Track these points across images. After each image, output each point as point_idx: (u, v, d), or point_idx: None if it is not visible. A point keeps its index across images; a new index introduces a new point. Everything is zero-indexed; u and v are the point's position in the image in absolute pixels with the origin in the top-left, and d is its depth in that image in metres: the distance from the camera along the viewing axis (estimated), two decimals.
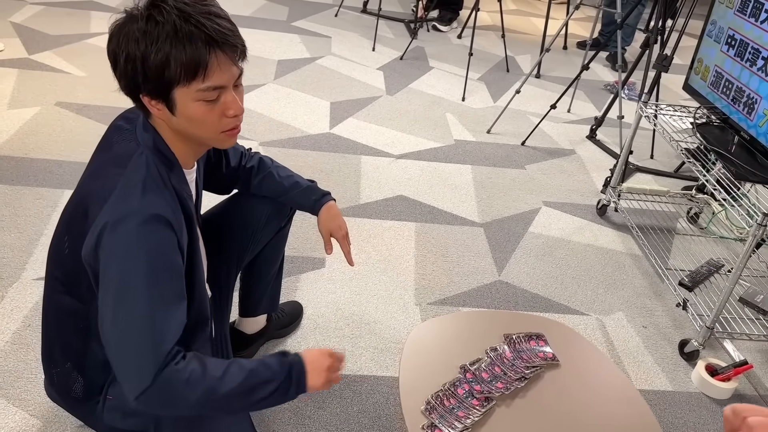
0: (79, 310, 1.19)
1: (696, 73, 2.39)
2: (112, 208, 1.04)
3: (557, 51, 4.67)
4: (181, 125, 1.09)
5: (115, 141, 1.15)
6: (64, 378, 1.28)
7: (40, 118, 2.78)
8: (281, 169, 1.57)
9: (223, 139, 1.13)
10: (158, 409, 1.05)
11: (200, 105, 1.05)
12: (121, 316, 1.02)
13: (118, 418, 1.27)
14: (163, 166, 1.11)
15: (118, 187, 1.05)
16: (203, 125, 1.08)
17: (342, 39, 4.28)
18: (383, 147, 2.98)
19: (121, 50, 1.03)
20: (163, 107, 1.06)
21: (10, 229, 2.10)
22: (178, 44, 1.00)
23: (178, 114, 1.07)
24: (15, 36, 3.54)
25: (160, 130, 1.13)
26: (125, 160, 1.09)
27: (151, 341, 1.01)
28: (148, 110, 1.09)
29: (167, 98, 1.05)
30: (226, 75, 1.06)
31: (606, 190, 2.69)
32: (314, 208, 1.56)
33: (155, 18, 1.01)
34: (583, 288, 2.26)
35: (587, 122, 3.54)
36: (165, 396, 1.02)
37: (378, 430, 1.62)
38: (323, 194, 1.57)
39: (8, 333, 1.73)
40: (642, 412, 1.14)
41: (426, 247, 2.34)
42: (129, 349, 1.02)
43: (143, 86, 1.04)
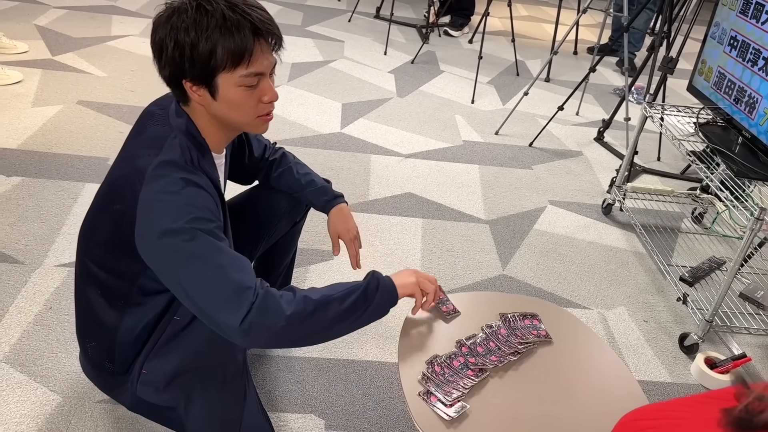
0: (116, 286, 1.24)
1: (700, 74, 2.43)
2: (150, 184, 1.09)
3: (567, 56, 4.72)
4: (220, 110, 1.15)
5: (149, 125, 1.21)
6: (98, 351, 1.33)
7: (62, 116, 2.88)
8: (300, 166, 1.64)
9: (258, 123, 1.21)
10: (263, 331, 1.08)
11: (241, 90, 1.13)
12: (196, 270, 1.06)
13: (151, 392, 1.30)
14: (195, 150, 1.17)
15: (154, 165, 1.10)
16: (241, 109, 1.15)
17: (355, 43, 4.37)
18: (392, 146, 3.06)
19: (170, 38, 1.08)
20: (204, 92, 1.13)
21: (33, 219, 2.19)
22: (226, 32, 1.07)
23: (219, 99, 1.13)
24: (39, 38, 3.66)
25: (193, 116, 1.19)
26: (159, 142, 1.14)
27: (233, 277, 1.06)
28: (186, 97, 1.16)
29: (210, 84, 1.11)
30: (266, 62, 1.14)
31: (611, 189, 2.74)
32: (325, 208, 1.61)
33: (204, 7, 1.07)
34: (586, 283, 2.31)
35: (595, 125, 3.59)
36: (265, 315, 1.06)
37: (381, 412, 1.68)
38: (336, 196, 1.62)
39: (31, 315, 1.82)
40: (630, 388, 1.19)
41: (432, 242, 2.40)
42: (216, 290, 1.06)
43: (188, 72, 1.10)
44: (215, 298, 1.06)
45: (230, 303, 1.05)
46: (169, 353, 1.28)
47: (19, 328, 1.77)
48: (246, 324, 1.05)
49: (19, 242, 2.08)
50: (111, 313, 1.28)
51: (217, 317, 1.06)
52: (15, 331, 1.76)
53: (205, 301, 1.07)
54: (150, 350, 1.29)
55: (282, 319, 1.07)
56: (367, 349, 1.87)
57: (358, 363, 1.82)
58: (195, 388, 1.29)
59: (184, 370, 1.28)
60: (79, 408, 1.57)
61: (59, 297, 1.89)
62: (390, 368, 1.82)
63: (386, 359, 1.85)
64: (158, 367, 1.29)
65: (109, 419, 1.55)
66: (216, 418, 1.33)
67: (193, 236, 1.06)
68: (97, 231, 1.23)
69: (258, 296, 1.07)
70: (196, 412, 1.30)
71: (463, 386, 1.12)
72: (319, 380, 1.75)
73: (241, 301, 1.05)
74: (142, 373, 1.30)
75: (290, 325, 1.08)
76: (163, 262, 1.09)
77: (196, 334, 1.27)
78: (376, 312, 1.19)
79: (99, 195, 1.26)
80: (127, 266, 1.20)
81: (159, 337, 1.29)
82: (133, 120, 1.29)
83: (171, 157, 1.12)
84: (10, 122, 2.76)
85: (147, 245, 1.10)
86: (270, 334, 1.08)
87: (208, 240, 1.07)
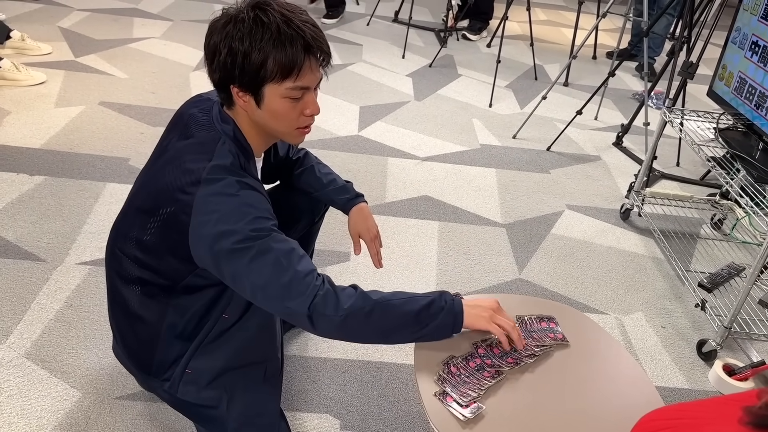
0: (159, 284, 1.25)
1: (720, 80, 2.41)
2: (207, 186, 1.12)
3: (586, 60, 4.70)
4: (263, 118, 1.19)
5: (194, 130, 1.23)
6: (137, 346, 1.35)
7: (84, 116, 2.93)
8: (322, 166, 1.67)
9: (296, 135, 1.24)
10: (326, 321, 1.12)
11: (285, 101, 1.16)
12: (264, 265, 1.11)
13: (193, 391, 1.32)
14: (242, 155, 1.21)
15: (208, 169, 1.14)
16: (283, 120, 1.19)
17: (373, 47, 4.39)
18: (410, 149, 3.06)
19: (225, 45, 1.12)
20: (250, 99, 1.16)
21: (55, 217, 2.23)
22: (279, 45, 1.10)
23: (263, 107, 1.17)
24: (63, 40, 3.72)
25: (238, 121, 1.22)
26: (210, 147, 1.18)
27: (298, 268, 1.12)
28: (231, 100, 1.19)
29: (257, 92, 1.15)
30: (313, 77, 1.17)
31: (630, 194, 2.72)
32: (346, 207, 1.63)
33: (261, 19, 1.10)
34: (603, 288, 2.30)
35: (614, 130, 3.57)
36: (326, 305, 1.11)
37: (397, 413, 1.68)
38: (357, 195, 1.65)
39: (52, 312, 1.85)
40: (648, 393, 1.19)
41: (448, 245, 2.40)
42: (284, 281, 1.11)
43: (238, 79, 1.13)
44: (284, 288, 1.11)
45: (298, 291, 1.11)
46: (215, 351, 1.30)
47: (40, 324, 1.80)
48: (312, 310, 1.11)
49: (41, 240, 2.11)
50: (154, 310, 1.29)
51: (288, 305, 1.11)
52: (36, 327, 1.79)
53: (275, 293, 1.11)
54: (196, 349, 1.31)
55: (341, 311, 1.12)
56: (382, 351, 1.88)
57: (374, 364, 1.83)
58: (238, 386, 1.32)
59: (229, 368, 1.31)
60: (99, 404, 1.59)
61: (80, 294, 1.92)
62: (406, 370, 1.82)
63: (402, 361, 1.85)
64: (203, 365, 1.30)
65: (128, 415, 1.57)
66: (257, 415, 1.35)
67: (257, 235, 1.10)
68: (139, 233, 1.23)
69: (322, 286, 1.13)
70: (239, 409, 1.32)
71: (479, 387, 1.12)
72: (335, 381, 1.76)
73: (308, 289, 1.11)
74: (186, 372, 1.31)
75: (348, 320, 1.12)
76: (228, 263, 1.12)
77: (244, 331, 1.31)
78: (437, 332, 1.19)
79: (140, 197, 1.26)
80: (173, 267, 1.21)
81: (206, 336, 1.30)
82: (154, 121, 1.32)
83: (223, 161, 1.15)
84: (33, 122, 2.81)
85: (207, 247, 1.12)
86: (332, 325, 1.13)
87: (272, 236, 1.12)
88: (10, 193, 2.32)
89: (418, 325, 1.16)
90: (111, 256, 1.33)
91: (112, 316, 1.38)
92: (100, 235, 2.17)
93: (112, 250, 1.32)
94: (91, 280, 1.97)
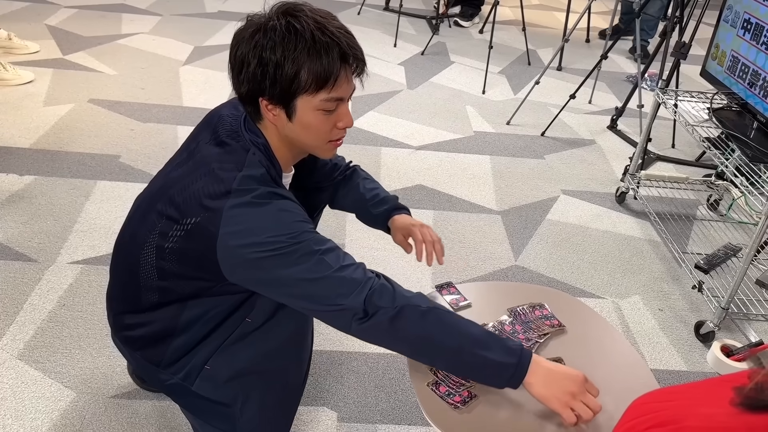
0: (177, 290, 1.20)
1: (713, 59, 2.39)
2: (239, 196, 1.07)
3: (579, 44, 4.67)
4: (294, 132, 1.13)
5: (224, 137, 1.17)
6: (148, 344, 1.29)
7: (74, 114, 2.90)
8: (369, 182, 1.54)
9: (328, 148, 1.18)
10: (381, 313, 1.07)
11: (319, 114, 1.09)
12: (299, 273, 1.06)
13: (210, 387, 1.27)
14: (272, 168, 1.15)
15: (239, 179, 1.08)
16: (316, 133, 1.12)
17: (364, 36, 4.35)
18: (403, 139, 3.04)
19: (254, 55, 1.05)
20: (280, 112, 1.10)
21: (46, 216, 2.21)
22: (314, 55, 1.03)
23: (295, 121, 1.10)
24: (50, 38, 3.69)
25: (266, 134, 1.16)
26: (240, 156, 1.12)
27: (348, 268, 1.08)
28: (259, 114, 1.13)
29: (289, 105, 1.08)
30: (348, 88, 1.11)
31: (625, 177, 2.70)
32: (387, 216, 1.48)
33: (294, 27, 1.03)
34: (599, 273, 2.29)
35: (608, 113, 3.55)
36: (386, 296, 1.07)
37: (393, 404, 1.68)
38: (398, 207, 1.50)
39: (44, 312, 1.83)
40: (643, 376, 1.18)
41: (443, 234, 2.38)
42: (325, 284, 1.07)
43: (268, 91, 1.07)
44: (335, 287, 1.06)
45: (350, 287, 1.06)
46: (238, 353, 1.26)
47: (33, 325, 1.79)
48: (367, 303, 1.06)
49: (32, 240, 2.10)
50: (169, 310, 1.23)
51: (341, 303, 1.06)
52: (29, 328, 1.77)
53: (324, 293, 1.07)
54: (217, 348, 1.25)
55: (397, 302, 1.06)
56: None
57: (370, 355, 1.82)
58: (257, 388, 1.28)
59: (251, 371, 1.27)
60: (93, 403, 1.58)
61: (72, 294, 1.90)
62: (402, 360, 1.81)
63: None
64: (224, 364, 1.26)
65: (124, 414, 1.57)
66: (270, 419, 1.33)
67: (295, 240, 1.05)
68: (160, 240, 1.16)
69: (377, 279, 1.08)
70: (252, 411, 1.28)
71: None
72: (331, 373, 1.75)
73: (361, 283, 1.07)
74: (205, 368, 1.26)
75: (401, 314, 1.06)
76: (264, 271, 1.07)
77: (270, 338, 1.26)
78: (490, 370, 1.08)
79: (162, 200, 1.18)
80: (197, 278, 1.16)
81: (227, 336, 1.25)
82: (145, 117, 1.30)
83: (254, 172, 1.10)
84: (22, 121, 2.79)
85: (240, 259, 1.07)
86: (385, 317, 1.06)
87: (313, 237, 1.07)
88: (0, 194, 2.30)
89: (475, 348, 1.06)
90: (125, 260, 1.27)
91: (116, 312, 1.32)
92: (92, 234, 2.16)
93: (126, 253, 1.26)
94: (84, 280, 1.96)
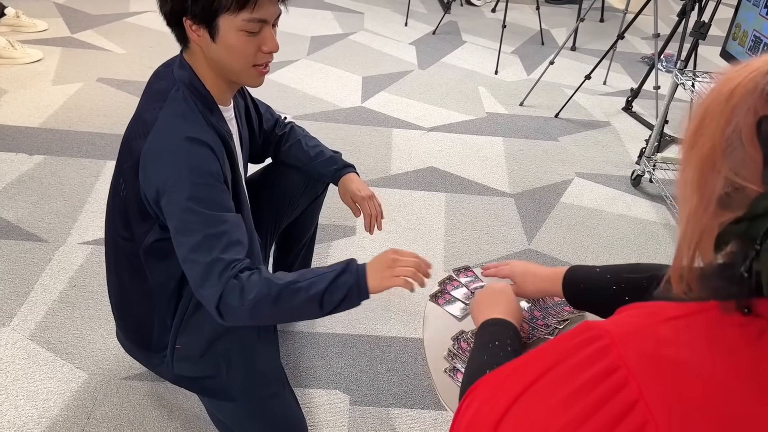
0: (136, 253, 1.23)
1: (734, 39, 2.33)
2: (154, 138, 1.10)
3: (594, 23, 4.58)
4: (218, 54, 1.12)
5: (153, 82, 1.21)
6: (137, 330, 1.34)
7: (82, 94, 2.88)
8: (309, 139, 1.59)
9: (253, 74, 1.17)
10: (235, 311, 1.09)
11: (242, 35, 1.09)
12: (181, 242, 1.09)
13: (188, 366, 1.31)
14: (200, 102, 1.15)
15: (159, 118, 1.11)
16: (239, 55, 1.12)
17: (375, 15, 4.29)
18: (414, 120, 3.00)
19: None
20: (204, 33, 1.10)
21: (55, 197, 2.20)
22: None
23: (218, 41, 1.10)
24: (58, 16, 3.65)
25: (195, 65, 1.16)
26: (163, 95, 1.14)
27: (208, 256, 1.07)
28: (185, 37, 1.13)
29: (211, 24, 1.08)
30: (272, 10, 1.11)
31: (641, 160, 2.66)
32: (334, 178, 1.55)
33: None
34: (614, 257, 2.26)
35: (623, 94, 3.49)
36: (233, 296, 1.07)
37: (406, 387, 1.66)
38: (345, 165, 1.56)
39: (55, 292, 1.82)
40: None
41: (456, 217, 2.36)
42: (195, 266, 1.08)
43: (190, 9, 1.07)
44: (201, 273, 1.07)
45: (212, 280, 1.07)
46: (199, 324, 1.28)
47: (44, 305, 1.78)
48: (221, 303, 1.07)
49: (42, 220, 2.08)
50: (142, 287, 1.27)
51: (200, 292, 1.09)
52: (40, 309, 1.77)
53: (194, 274, 1.09)
54: (179, 325, 1.29)
55: (246, 302, 1.07)
56: (391, 325, 1.85)
57: (383, 339, 1.80)
58: (234, 350, 1.29)
59: (218, 336, 1.28)
60: (105, 385, 1.58)
61: (83, 275, 1.89)
62: (414, 344, 1.80)
63: (410, 335, 1.82)
64: (191, 338, 1.28)
65: (135, 395, 1.56)
66: (259, 374, 1.33)
67: (187, 206, 1.07)
68: (114, 196, 1.23)
69: (233, 279, 1.07)
70: (239, 373, 1.30)
71: None
72: (344, 356, 1.74)
73: (221, 280, 1.06)
74: (176, 349, 1.30)
75: (256, 308, 1.08)
76: (168, 219, 1.11)
77: None
78: (345, 304, 1.13)
79: (116, 162, 1.25)
80: (140, 225, 1.19)
81: (184, 311, 1.29)
82: None
83: (174, 110, 1.12)
84: (31, 100, 2.77)
85: (151, 196, 1.11)
86: (242, 315, 1.09)
87: (205, 215, 1.08)
88: (10, 174, 2.29)
89: (326, 303, 1.11)
90: (106, 237, 1.32)
91: (111, 296, 1.36)
92: (102, 214, 2.12)
93: (105, 230, 1.31)
94: (94, 260, 1.94)
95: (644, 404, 0.46)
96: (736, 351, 0.47)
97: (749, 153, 0.48)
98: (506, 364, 0.60)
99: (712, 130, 0.50)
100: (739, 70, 0.51)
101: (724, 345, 0.47)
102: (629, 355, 0.48)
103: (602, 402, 0.48)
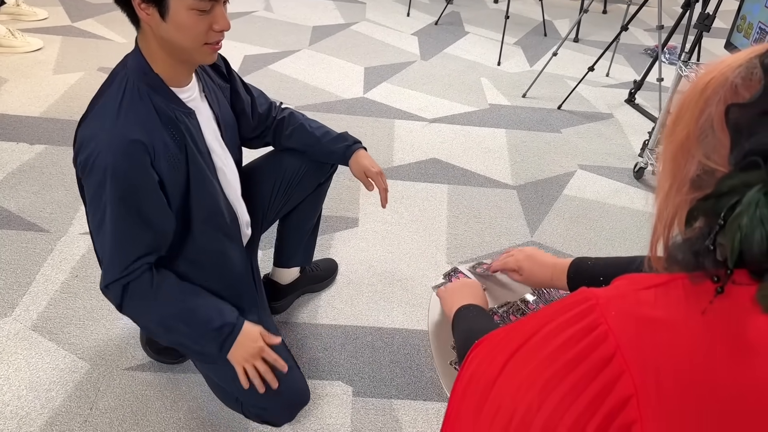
0: None
1: (739, 31, 2.32)
2: (85, 126, 1.13)
3: (597, 15, 4.56)
4: (168, 33, 1.10)
5: (112, 70, 1.21)
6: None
7: (83, 83, 2.86)
8: (312, 121, 1.60)
9: (206, 52, 1.16)
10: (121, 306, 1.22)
11: (192, 14, 1.08)
12: (95, 233, 1.18)
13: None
14: (147, 86, 1.15)
15: (96, 107, 1.14)
16: (190, 34, 1.11)
17: (377, 5, 4.26)
18: (417, 111, 2.99)
19: None
20: (153, 12, 1.08)
21: (57, 186, 2.19)
22: None
23: (168, 20, 1.08)
24: (58, 4, 3.63)
25: (146, 46, 1.15)
26: (111, 80, 1.17)
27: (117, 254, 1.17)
28: (135, 17, 1.12)
29: (161, 3, 1.07)
30: None
31: (643, 152, 2.65)
32: (345, 155, 1.56)
33: None
34: (617, 249, 2.25)
35: (626, 86, 3.47)
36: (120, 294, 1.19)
37: (409, 379, 1.66)
38: (355, 141, 1.58)
39: (57, 283, 1.82)
40: None
41: (458, 208, 2.35)
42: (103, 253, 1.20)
43: None
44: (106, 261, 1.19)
45: (110, 272, 1.18)
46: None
47: (46, 296, 1.77)
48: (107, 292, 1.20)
49: (44, 210, 2.07)
50: None
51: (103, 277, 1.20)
52: (42, 299, 1.76)
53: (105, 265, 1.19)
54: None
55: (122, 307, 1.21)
56: (394, 317, 1.85)
57: (386, 330, 1.80)
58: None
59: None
60: (108, 375, 1.57)
61: (85, 265, 1.89)
62: (417, 335, 1.79)
63: (413, 327, 1.82)
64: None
65: (138, 385, 1.56)
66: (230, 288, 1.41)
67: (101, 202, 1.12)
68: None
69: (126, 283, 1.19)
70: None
71: None
72: (347, 347, 1.73)
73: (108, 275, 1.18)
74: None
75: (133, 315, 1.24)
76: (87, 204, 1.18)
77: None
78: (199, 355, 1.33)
79: None
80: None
81: None
82: None
83: (108, 99, 1.13)
84: (32, 90, 2.75)
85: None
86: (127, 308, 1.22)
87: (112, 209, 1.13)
88: (11, 163, 2.28)
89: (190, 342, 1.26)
90: None
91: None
92: None
93: None
94: None
95: (621, 356, 0.51)
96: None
97: (719, 139, 0.54)
98: (503, 327, 0.65)
99: (687, 119, 0.56)
100: (715, 65, 0.57)
101: (696, 306, 0.52)
102: (610, 314, 0.53)
103: (584, 355, 0.52)
